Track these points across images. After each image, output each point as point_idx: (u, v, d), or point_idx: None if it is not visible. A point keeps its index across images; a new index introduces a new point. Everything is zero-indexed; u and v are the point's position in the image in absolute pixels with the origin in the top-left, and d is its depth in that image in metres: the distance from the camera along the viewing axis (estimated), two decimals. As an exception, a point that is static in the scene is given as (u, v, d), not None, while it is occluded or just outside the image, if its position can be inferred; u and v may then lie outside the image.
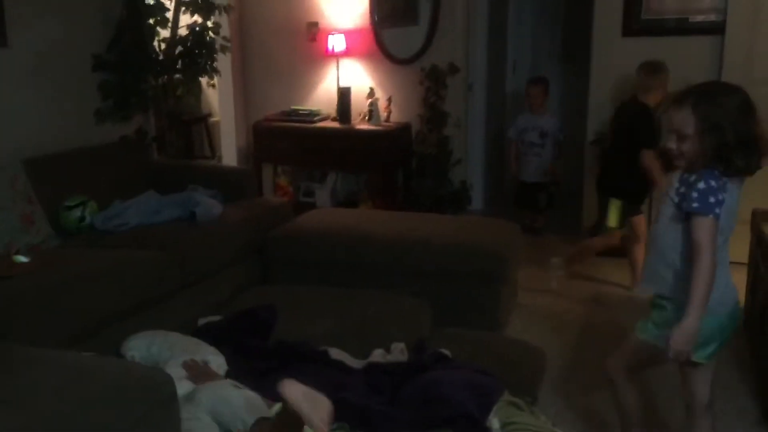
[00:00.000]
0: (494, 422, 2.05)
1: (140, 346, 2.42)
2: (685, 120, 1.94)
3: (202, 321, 2.85)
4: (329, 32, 5.13)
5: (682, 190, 1.99)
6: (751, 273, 3.46)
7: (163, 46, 4.22)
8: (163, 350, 2.38)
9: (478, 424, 1.98)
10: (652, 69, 3.89)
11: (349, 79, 5.23)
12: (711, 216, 1.91)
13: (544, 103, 5.06)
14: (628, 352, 2.25)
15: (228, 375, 2.31)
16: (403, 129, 5.13)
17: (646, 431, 2.45)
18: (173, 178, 3.91)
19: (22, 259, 2.82)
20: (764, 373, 2.90)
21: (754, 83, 4.14)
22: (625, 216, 3.91)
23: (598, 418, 2.75)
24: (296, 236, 3.52)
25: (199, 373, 2.21)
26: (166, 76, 4.23)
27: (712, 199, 1.90)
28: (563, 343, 3.40)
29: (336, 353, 2.54)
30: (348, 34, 5.14)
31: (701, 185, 1.92)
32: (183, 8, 4.22)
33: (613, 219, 3.92)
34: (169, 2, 4.20)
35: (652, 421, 2.68)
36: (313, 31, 5.26)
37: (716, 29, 4.24)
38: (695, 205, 1.92)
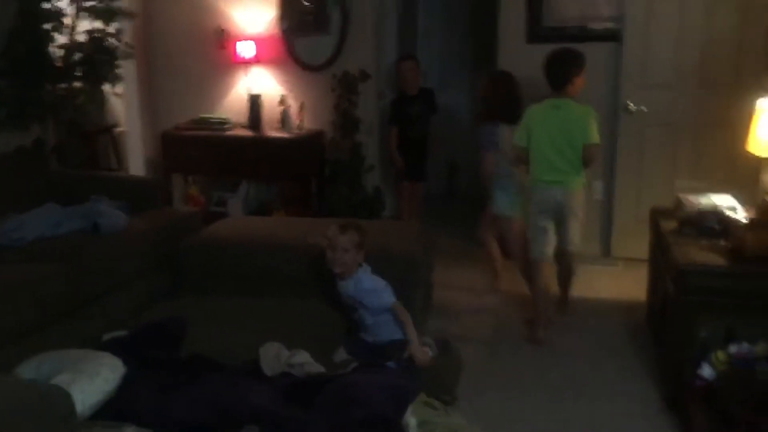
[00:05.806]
0: (411, 421, 2.05)
1: (30, 370, 2.29)
2: None
3: (106, 336, 2.72)
4: (238, 39, 5.06)
5: None
6: (651, 269, 3.61)
7: (61, 52, 4.04)
8: (54, 365, 2.27)
9: (392, 425, 1.97)
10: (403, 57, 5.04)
11: (259, 87, 5.16)
12: None
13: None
14: None
15: (127, 384, 2.22)
16: (316, 136, 5.10)
17: None
18: (75, 189, 3.74)
19: None
20: (666, 364, 3.03)
21: (649, 87, 4.39)
22: None
23: (514, 413, 2.80)
24: (208, 246, 3.41)
25: None
26: (65, 85, 4.06)
27: None
28: (478, 341, 3.46)
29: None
30: (258, 40, 5.08)
31: None
32: (81, 13, 4.06)
33: None
34: (67, 8, 4.04)
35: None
36: (222, 38, 5.17)
37: (614, 36, 4.43)
38: None
